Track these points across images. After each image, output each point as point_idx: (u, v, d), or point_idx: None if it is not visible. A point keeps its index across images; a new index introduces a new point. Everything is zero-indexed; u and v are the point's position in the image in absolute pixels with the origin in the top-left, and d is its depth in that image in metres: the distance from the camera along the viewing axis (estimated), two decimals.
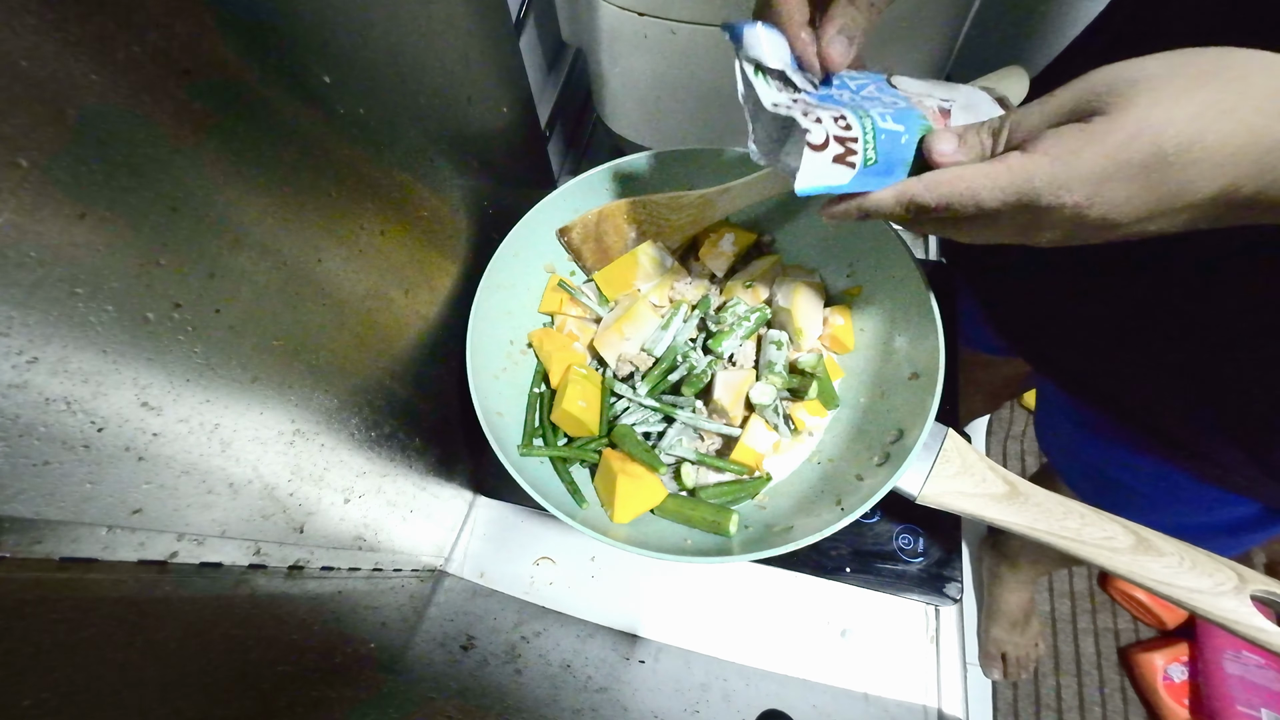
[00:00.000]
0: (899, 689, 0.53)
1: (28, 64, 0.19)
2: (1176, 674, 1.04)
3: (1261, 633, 0.36)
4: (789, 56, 0.36)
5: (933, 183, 0.31)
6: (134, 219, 0.24)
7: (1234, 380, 0.40)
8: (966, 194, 0.30)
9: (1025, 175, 0.28)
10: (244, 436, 0.32)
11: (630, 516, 0.48)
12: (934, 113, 0.36)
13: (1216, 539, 0.55)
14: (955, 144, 0.31)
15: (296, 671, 0.38)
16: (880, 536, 0.55)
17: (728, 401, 0.51)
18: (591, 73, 0.78)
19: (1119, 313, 0.46)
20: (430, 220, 0.46)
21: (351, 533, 0.45)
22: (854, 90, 0.37)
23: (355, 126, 0.36)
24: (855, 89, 0.37)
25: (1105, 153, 0.26)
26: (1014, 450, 1.29)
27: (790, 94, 0.36)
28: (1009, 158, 0.29)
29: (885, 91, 0.37)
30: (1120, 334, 0.46)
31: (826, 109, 0.33)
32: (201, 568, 0.33)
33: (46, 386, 0.22)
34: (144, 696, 0.28)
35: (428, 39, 0.41)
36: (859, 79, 0.38)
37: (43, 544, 0.25)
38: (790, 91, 0.36)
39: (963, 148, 0.31)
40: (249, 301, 0.30)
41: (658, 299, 0.57)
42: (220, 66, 0.26)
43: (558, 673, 0.51)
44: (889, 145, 0.33)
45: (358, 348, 0.40)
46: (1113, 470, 0.56)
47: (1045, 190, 0.27)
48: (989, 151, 0.31)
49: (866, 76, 0.38)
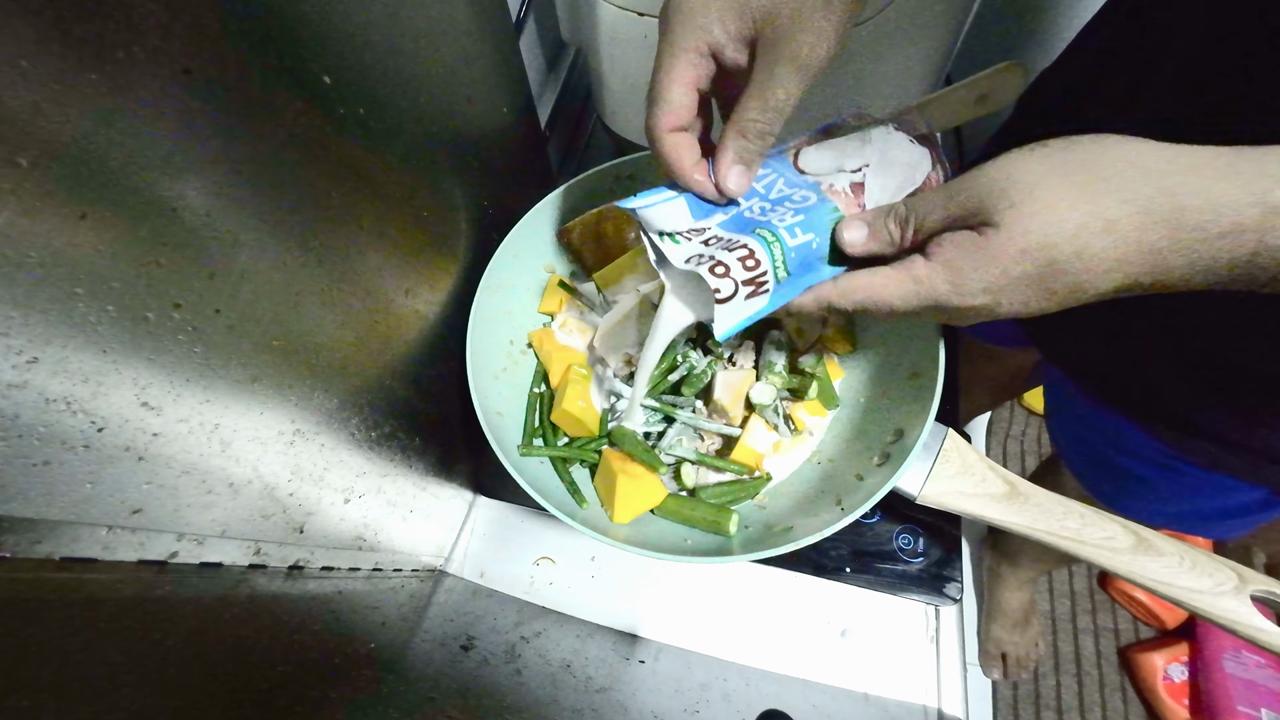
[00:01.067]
0: (899, 689, 0.53)
1: (28, 64, 0.19)
2: (1176, 674, 1.04)
3: (1261, 633, 0.36)
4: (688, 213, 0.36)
5: (847, 289, 0.33)
6: (134, 219, 0.24)
7: (1242, 367, 0.41)
8: (880, 301, 0.32)
9: (930, 286, 0.30)
10: (244, 436, 0.32)
11: (630, 516, 0.48)
12: (845, 194, 0.36)
13: (1223, 522, 0.55)
14: (865, 234, 0.33)
15: (296, 671, 0.38)
16: (880, 536, 0.55)
17: (728, 401, 0.51)
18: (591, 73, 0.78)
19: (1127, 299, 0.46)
20: (430, 220, 0.46)
21: (351, 533, 0.45)
22: (763, 193, 0.37)
23: (355, 126, 0.36)
24: (764, 190, 0.37)
25: (1000, 267, 0.28)
26: (1014, 450, 1.29)
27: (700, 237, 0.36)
28: (914, 267, 0.31)
29: (794, 183, 0.37)
30: (1128, 320, 0.46)
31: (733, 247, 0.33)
32: (201, 568, 0.33)
33: (46, 386, 0.22)
34: (144, 696, 0.28)
35: (428, 39, 0.41)
36: (765, 174, 0.38)
37: (43, 544, 0.25)
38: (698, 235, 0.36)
39: (872, 238, 0.33)
40: (249, 301, 0.30)
41: (657, 299, 0.57)
42: (220, 66, 0.26)
43: (558, 673, 0.51)
44: (801, 255, 0.34)
45: (358, 348, 0.40)
46: (1121, 459, 0.56)
47: (952, 297, 0.29)
48: (897, 240, 0.32)
49: (771, 166, 0.38)
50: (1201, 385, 0.44)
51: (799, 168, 0.38)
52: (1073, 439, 0.64)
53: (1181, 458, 0.50)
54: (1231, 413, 0.43)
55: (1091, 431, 0.59)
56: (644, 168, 0.56)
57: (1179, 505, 0.56)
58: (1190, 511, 0.56)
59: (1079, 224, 0.26)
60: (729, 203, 0.37)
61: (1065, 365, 0.55)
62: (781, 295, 0.34)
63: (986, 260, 0.28)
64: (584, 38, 0.74)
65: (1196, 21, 0.36)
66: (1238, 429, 0.44)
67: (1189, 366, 0.44)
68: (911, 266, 0.31)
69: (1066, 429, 0.64)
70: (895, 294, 0.31)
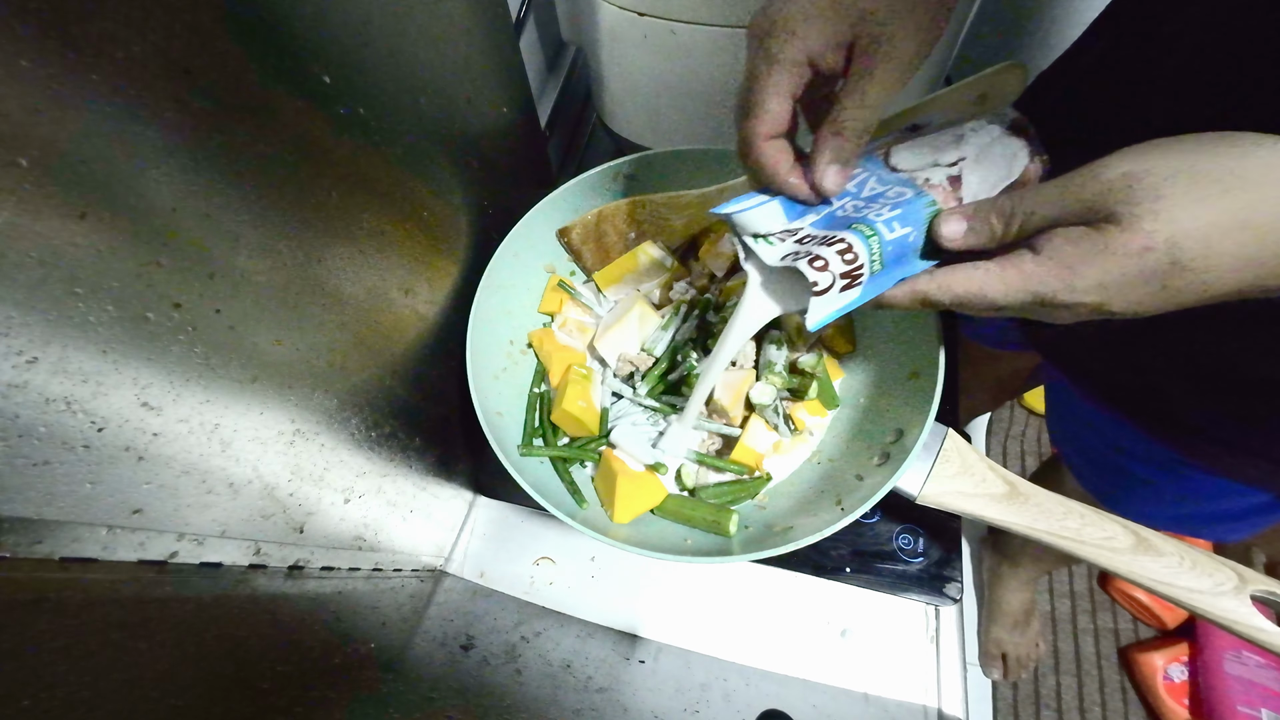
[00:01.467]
0: (899, 689, 0.53)
1: (28, 64, 0.19)
2: (1176, 674, 1.04)
3: (1261, 633, 0.36)
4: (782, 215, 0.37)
5: (945, 284, 0.32)
6: (134, 219, 0.24)
7: (1243, 370, 0.40)
8: (979, 295, 0.31)
9: (1039, 280, 0.29)
10: (244, 436, 0.32)
11: (630, 516, 0.48)
12: (943, 188, 0.35)
13: (1224, 524, 0.55)
14: (965, 228, 0.32)
15: (296, 671, 0.38)
16: (880, 536, 0.55)
17: (728, 401, 0.51)
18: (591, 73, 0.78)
19: None
20: (430, 220, 0.46)
21: (351, 533, 0.45)
22: (855, 192, 0.37)
23: (355, 126, 0.36)
24: (856, 189, 0.37)
25: (1120, 265, 0.27)
26: (1014, 450, 1.29)
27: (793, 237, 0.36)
28: (1022, 261, 0.29)
29: (887, 180, 0.37)
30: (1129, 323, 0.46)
31: (830, 241, 0.34)
32: (201, 568, 0.33)
33: (46, 386, 0.22)
34: (144, 696, 0.28)
35: (427, 39, 0.41)
36: (857, 174, 0.37)
37: (43, 544, 0.25)
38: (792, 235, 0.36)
39: (972, 233, 0.32)
40: (249, 301, 0.30)
41: (658, 299, 0.57)
42: (220, 66, 0.26)
43: (558, 673, 0.51)
44: (897, 248, 0.34)
45: (358, 348, 0.40)
46: (1121, 460, 0.56)
47: (1060, 293, 0.28)
48: (999, 234, 0.31)
49: (862, 166, 0.38)
50: (1202, 387, 0.44)
51: (891, 165, 0.37)
52: (1073, 439, 0.64)
53: (1182, 460, 0.50)
54: (1232, 415, 0.43)
55: (1091, 432, 0.59)
56: (643, 167, 0.56)
57: (1179, 507, 0.56)
58: (1191, 513, 0.56)
59: (1210, 222, 0.25)
60: (822, 203, 0.37)
61: (1066, 368, 0.55)
62: (874, 287, 0.34)
63: (1104, 258, 0.27)
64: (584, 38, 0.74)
65: (1200, 22, 0.36)
66: (1238, 432, 0.44)
67: (1190, 369, 0.44)
68: (1020, 261, 0.30)
69: (1066, 429, 0.64)
70: (999, 289, 0.30)
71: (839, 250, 0.33)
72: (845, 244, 0.33)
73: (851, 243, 0.33)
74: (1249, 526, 0.55)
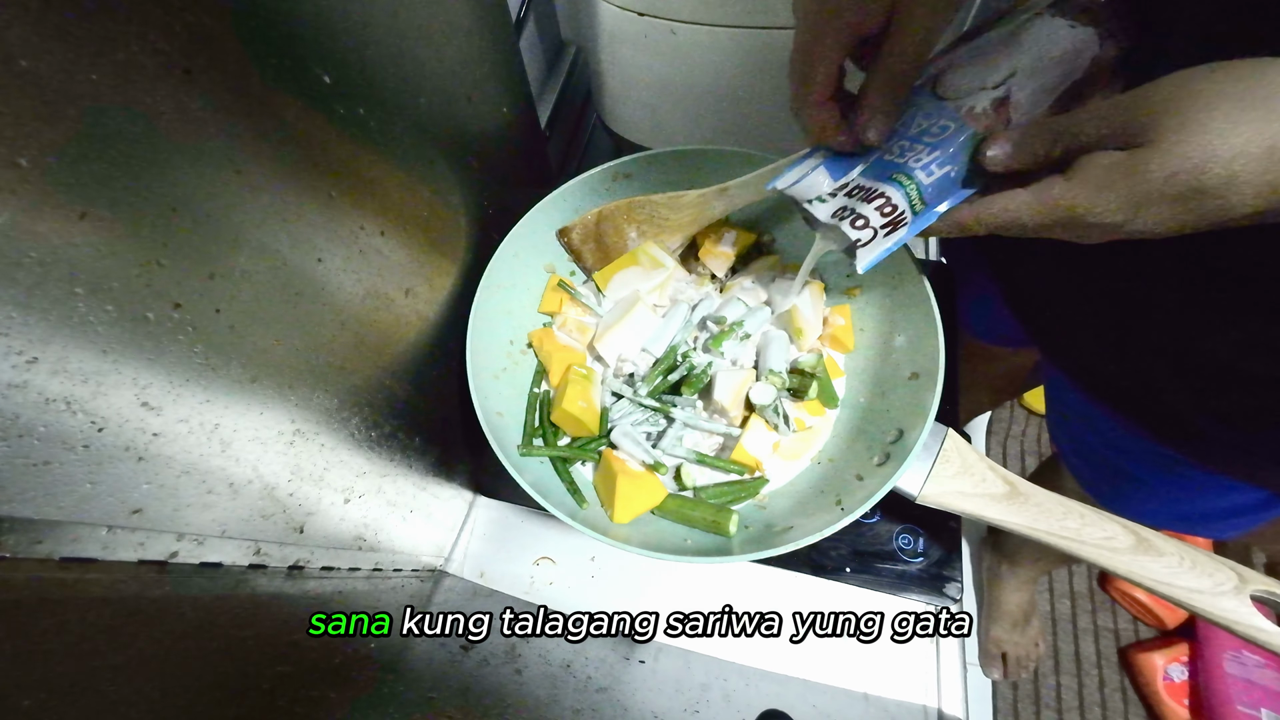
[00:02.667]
0: (899, 689, 0.53)
1: (28, 63, 0.19)
2: (1176, 674, 1.04)
3: (1261, 633, 0.36)
4: (829, 177, 0.40)
5: (983, 214, 0.34)
6: (134, 219, 0.24)
7: (1241, 369, 0.40)
8: (1013, 221, 0.33)
9: (1068, 203, 0.30)
10: (244, 436, 0.32)
11: (630, 516, 0.48)
12: (987, 113, 0.36)
13: (1223, 522, 0.55)
14: (1009, 151, 0.33)
15: (296, 671, 0.38)
16: (880, 536, 0.55)
17: (728, 401, 0.51)
18: (591, 73, 0.78)
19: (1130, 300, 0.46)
20: (430, 220, 0.46)
21: (351, 533, 0.45)
22: (900, 131, 0.38)
23: (355, 126, 0.36)
24: (902, 127, 0.38)
25: (1144, 187, 0.28)
26: (1014, 450, 1.29)
27: (843, 191, 0.40)
28: (1053, 188, 0.31)
29: (931, 114, 0.37)
30: (1129, 321, 0.46)
31: (871, 198, 0.37)
32: (201, 568, 0.33)
33: (46, 386, 0.22)
34: (144, 696, 0.28)
35: (428, 39, 0.41)
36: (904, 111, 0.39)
37: (43, 544, 0.25)
38: (843, 190, 0.40)
39: (1015, 156, 0.33)
40: (249, 301, 0.30)
41: (658, 299, 0.57)
42: (220, 66, 0.26)
43: (558, 673, 0.51)
44: (938, 187, 0.36)
45: (358, 348, 0.40)
46: (1121, 459, 0.56)
47: (1087, 215, 0.30)
48: (1041, 157, 0.32)
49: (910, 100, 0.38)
50: (1201, 386, 0.44)
51: (938, 94, 0.37)
52: (1073, 439, 0.64)
53: (1181, 458, 0.50)
54: (1229, 412, 0.43)
55: (1091, 431, 0.59)
56: (643, 167, 0.56)
57: (1179, 505, 0.56)
58: (1190, 512, 0.56)
59: (1238, 149, 0.26)
60: (868, 150, 0.39)
61: (1066, 365, 0.55)
62: (919, 224, 0.36)
63: (1132, 179, 0.28)
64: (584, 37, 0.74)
65: (1197, 18, 0.35)
66: (1237, 430, 0.44)
67: (1189, 367, 0.44)
68: (1050, 189, 0.31)
69: (1066, 429, 0.64)
70: (1029, 214, 0.32)
71: (878, 206, 0.37)
72: (885, 198, 0.36)
73: (891, 195, 0.36)
74: (1247, 523, 0.55)
